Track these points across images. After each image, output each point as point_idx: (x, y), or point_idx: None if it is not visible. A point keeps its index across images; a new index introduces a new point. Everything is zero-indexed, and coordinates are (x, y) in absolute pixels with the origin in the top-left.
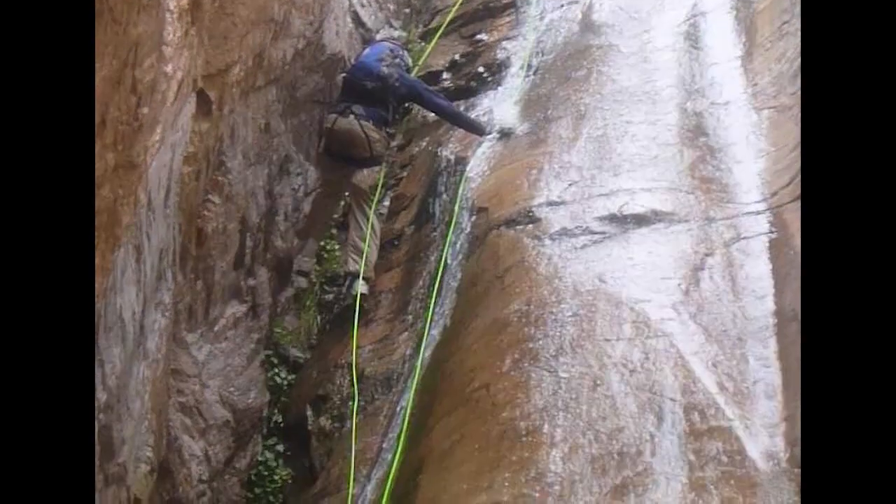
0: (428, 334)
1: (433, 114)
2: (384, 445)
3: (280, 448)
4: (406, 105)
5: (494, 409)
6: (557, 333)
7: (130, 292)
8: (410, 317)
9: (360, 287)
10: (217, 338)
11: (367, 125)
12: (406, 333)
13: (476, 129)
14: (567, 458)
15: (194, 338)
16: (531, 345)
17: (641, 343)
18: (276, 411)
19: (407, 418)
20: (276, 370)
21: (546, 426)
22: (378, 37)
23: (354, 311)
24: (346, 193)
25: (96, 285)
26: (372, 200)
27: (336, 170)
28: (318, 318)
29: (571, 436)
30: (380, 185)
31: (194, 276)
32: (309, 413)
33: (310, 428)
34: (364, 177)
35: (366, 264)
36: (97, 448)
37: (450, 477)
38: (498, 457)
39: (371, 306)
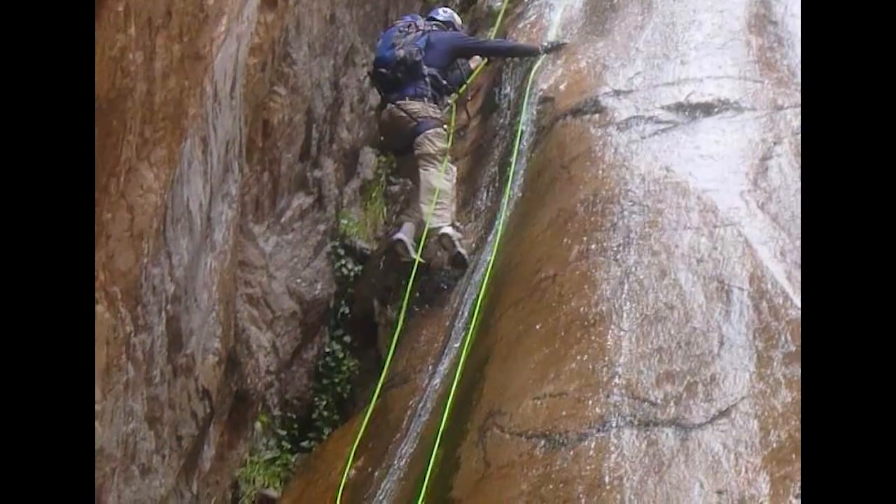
0: (498, 225)
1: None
2: (451, 336)
3: (347, 339)
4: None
5: (561, 300)
6: (624, 223)
7: (197, 184)
8: (477, 207)
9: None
10: (284, 229)
11: (404, 103)
12: (473, 224)
13: (532, 53)
14: (634, 348)
15: (261, 229)
16: (598, 235)
17: (709, 232)
18: (343, 303)
19: (477, 309)
20: (343, 261)
21: (613, 316)
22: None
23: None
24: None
25: (162, 177)
26: (440, 162)
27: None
28: (385, 209)
29: (638, 326)
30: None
31: (260, 167)
32: (376, 304)
33: (377, 319)
34: (421, 142)
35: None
36: (166, 339)
37: (516, 367)
38: (564, 347)
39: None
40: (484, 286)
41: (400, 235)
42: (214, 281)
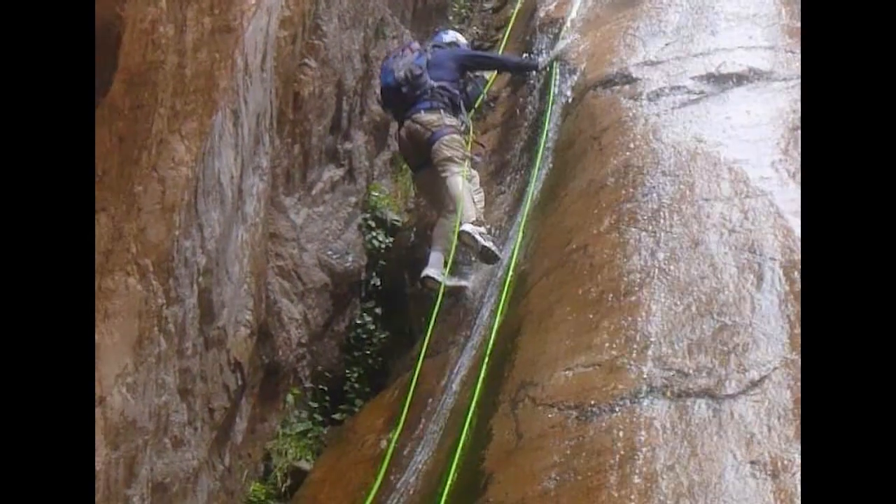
0: (526, 196)
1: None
2: (482, 309)
3: (378, 311)
4: (475, 73)
5: (592, 270)
6: (655, 194)
7: (228, 156)
8: (507, 179)
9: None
10: (315, 201)
11: (419, 116)
12: (503, 195)
13: (532, 68)
14: (666, 318)
15: (292, 201)
16: (629, 205)
17: (740, 202)
18: (373, 274)
19: (507, 281)
20: (374, 234)
21: (644, 287)
22: None
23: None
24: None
25: (193, 149)
26: (460, 164)
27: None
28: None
29: (670, 296)
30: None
31: (291, 140)
32: (406, 276)
33: (407, 291)
34: (438, 149)
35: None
36: (198, 311)
37: (548, 338)
38: (596, 318)
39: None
40: (514, 258)
41: (428, 272)
42: (246, 253)
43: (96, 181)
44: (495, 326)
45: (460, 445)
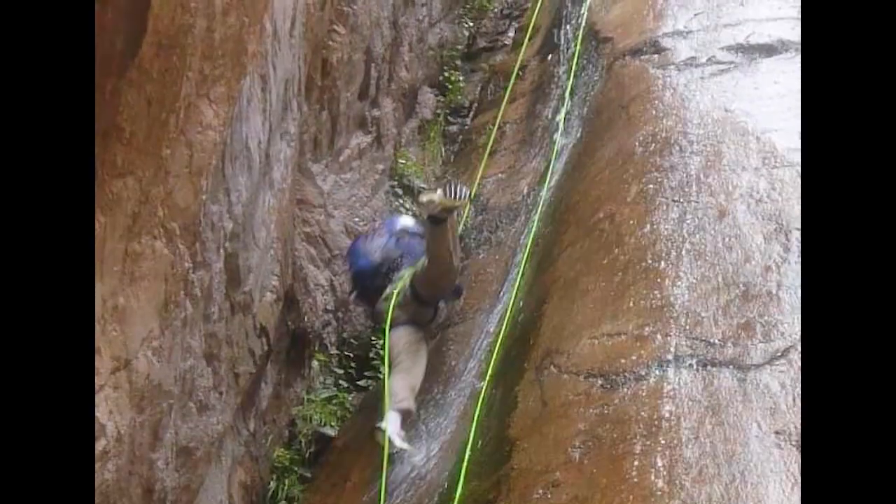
0: (554, 165)
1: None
2: (508, 277)
3: None
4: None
5: (619, 239)
6: (683, 163)
7: (256, 121)
8: (535, 147)
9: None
10: (342, 168)
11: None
12: (531, 164)
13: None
14: (692, 288)
15: (319, 168)
16: (656, 175)
17: (768, 173)
18: None
19: (529, 249)
20: (401, 201)
21: (671, 256)
22: None
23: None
24: None
25: (222, 114)
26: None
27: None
28: (443, 148)
29: (696, 266)
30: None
31: (319, 106)
32: None
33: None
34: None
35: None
36: (224, 276)
37: (574, 307)
38: (622, 287)
39: (496, 137)
40: (535, 225)
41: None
42: (273, 219)
43: (124, 143)
44: (514, 295)
45: (477, 413)
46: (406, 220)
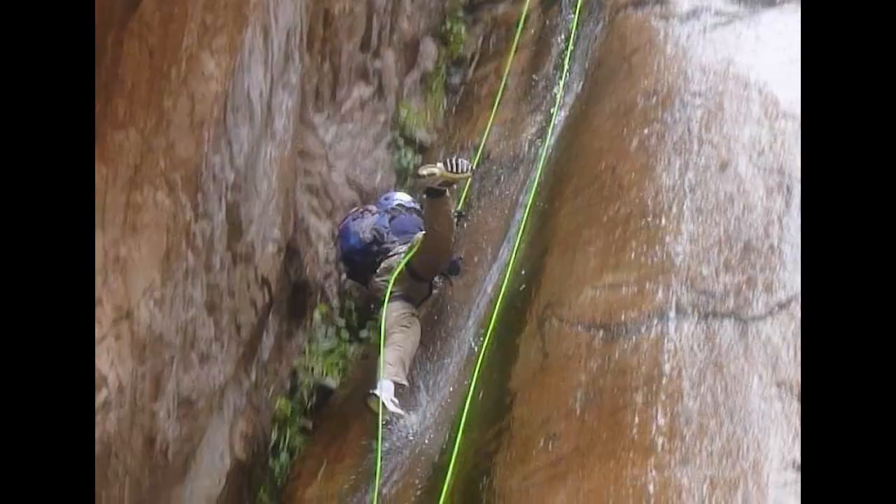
0: (556, 116)
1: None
2: (510, 228)
3: None
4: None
5: (621, 191)
6: (685, 115)
7: (258, 72)
8: (537, 99)
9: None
10: (344, 119)
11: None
12: (532, 115)
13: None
14: (694, 240)
15: (321, 119)
16: (658, 126)
17: (769, 125)
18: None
19: (530, 201)
20: (403, 152)
21: (673, 208)
22: None
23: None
24: None
25: (223, 65)
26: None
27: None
28: (445, 100)
29: (698, 217)
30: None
31: (321, 57)
32: None
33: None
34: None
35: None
36: (226, 227)
37: (576, 258)
38: (624, 238)
39: (499, 88)
40: (536, 178)
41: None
42: (274, 170)
43: (126, 95)
44: (516, 247)
45: (478, 367)
46: (402, 196)
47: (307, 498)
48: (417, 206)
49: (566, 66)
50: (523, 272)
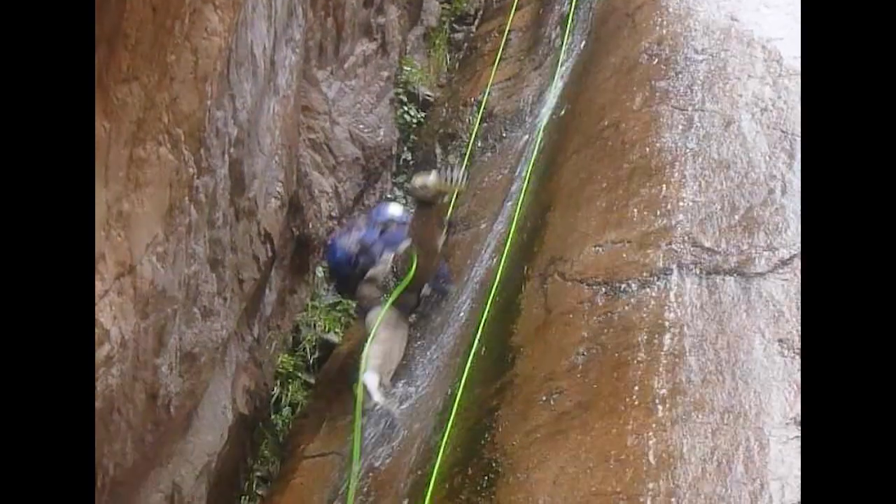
0: (559, 73)
1: None
2: (513, 185)
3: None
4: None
5: (624, 147)
6: (688, 72)
7: (261, 27)
8: (540, 55)
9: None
10: (347, 75)
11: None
12: (536, 72)
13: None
14: (697, 196)
15: (324, 75)
16: (662, 83)
17: (773, 81)
18: (405, 149)
19: (534, 157)
20: (406, 108)
21: (676, 164)
22: None
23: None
24: None
25: (227, 20)
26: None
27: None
28: (448, 56)
29: (701, 174)
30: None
31: (325, 13)
32: (438, 150)
33: (438, 164)
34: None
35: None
36: (229, 182)
37: (578, 214)
38: (627, 195)
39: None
40: (539, 134)
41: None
42: (277, 125)
43: (129, 49)
44: (520, 202)
45: (482, 322)
46: (394, 210)
47: (309, 453)
48: (407, 221)
49: (570, 23)
50: (526, 228)
